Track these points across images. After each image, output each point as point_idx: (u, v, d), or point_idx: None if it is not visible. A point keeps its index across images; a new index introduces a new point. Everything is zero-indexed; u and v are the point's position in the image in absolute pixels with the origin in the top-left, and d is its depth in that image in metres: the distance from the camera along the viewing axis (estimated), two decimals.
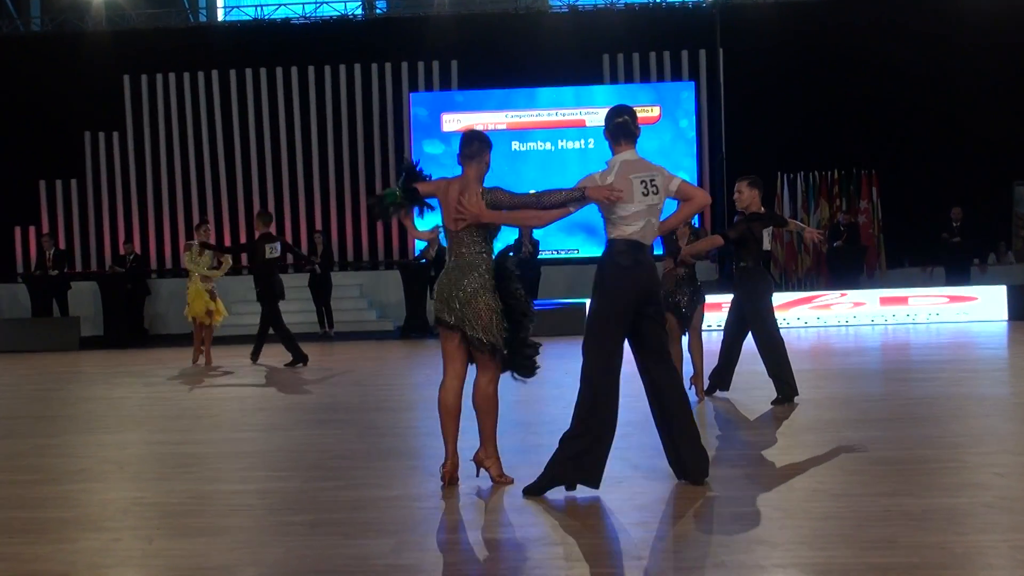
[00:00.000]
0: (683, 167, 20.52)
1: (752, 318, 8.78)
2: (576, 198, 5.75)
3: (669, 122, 20.65)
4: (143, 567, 4.61)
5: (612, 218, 5.76)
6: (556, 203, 5.82)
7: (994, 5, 20.15)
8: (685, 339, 9.11)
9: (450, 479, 5.84)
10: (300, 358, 13.30)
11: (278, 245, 13.52)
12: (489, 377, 5.85)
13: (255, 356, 13.84)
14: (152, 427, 8.82)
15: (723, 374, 9.17)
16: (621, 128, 5.93)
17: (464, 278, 5.86)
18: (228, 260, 14.39)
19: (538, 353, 5.96)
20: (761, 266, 8.88)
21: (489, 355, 5.80)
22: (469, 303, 5.76)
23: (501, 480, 5.88)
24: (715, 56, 20.63)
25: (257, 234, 13.55)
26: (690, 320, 9.01)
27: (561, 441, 5.69)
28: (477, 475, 5.97)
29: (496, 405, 5.89)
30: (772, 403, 8.58)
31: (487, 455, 5.91)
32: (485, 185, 6.03)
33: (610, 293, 5.70)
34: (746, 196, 8.81)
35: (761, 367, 8.85)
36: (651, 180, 5.75)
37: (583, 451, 5.59)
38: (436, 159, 20.85)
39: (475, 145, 6.16)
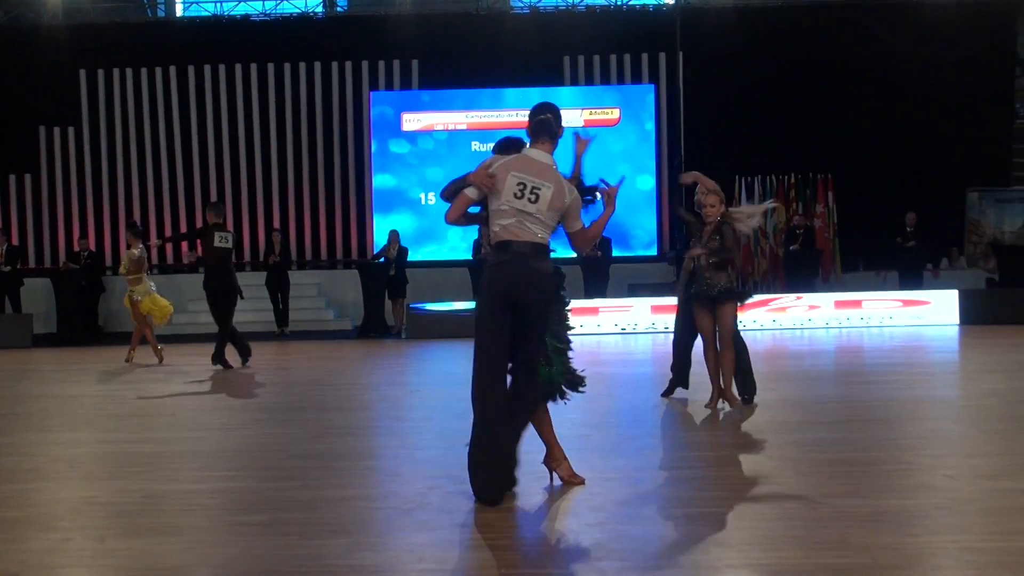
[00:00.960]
0: (644, 169, 20.63)
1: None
2: (461, 186, 5.52)
3: (630, 124, 20.74)
4: (94, 567, 4.57)
5: (490, 211, 5.53)
6: (451, 192, 5.59)
7: (950, 14, 20.42)
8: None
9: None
10: (247, 354, 13.04)
11: (230, 235, 13.04)
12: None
13: (231, 358, 13.41)
14: (105, 426, 8.74)
15: (683, 372, 9.22)
16: (540, 125, 5.61)
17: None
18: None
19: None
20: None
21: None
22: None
23: (573, 479, 5.80)
24: (675, 59, 20.73)
25: (208, 224, 12.99)
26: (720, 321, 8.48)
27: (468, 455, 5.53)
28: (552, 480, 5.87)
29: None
30: (744, 401, 8.68)
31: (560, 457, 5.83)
32: None
33: (481, 291, 5.49)
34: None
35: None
36: (533, 188, 5.42)
37: (484, 462, 5.42)
38: (400, 158, 20.83)
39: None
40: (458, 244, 19.76)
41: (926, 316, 17.14)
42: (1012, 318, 16.66)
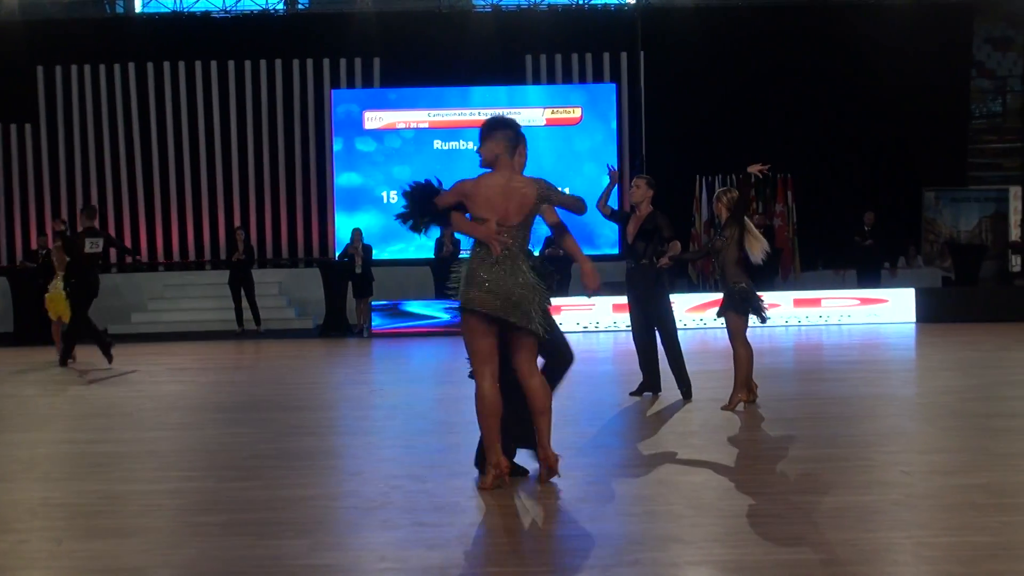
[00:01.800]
0: (599, 169, 20.64)
1: (659, 315, 9.04)
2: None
3: (592, 123, 20.78)
4: (51, 569, 4.53)
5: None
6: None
7: (908, 15, 20.63)
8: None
9: (494, 483, 5.63)
10: (109, 356, 13.00)
11: (100, 240, 13.17)
12: (540, 377, 5.77)
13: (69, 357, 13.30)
14: (63, 426, 8.65)
15: (653, 377, 9.27)
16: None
17: (518, 272, 5.64)
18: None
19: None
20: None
21: (536, 346, 5.70)
22: (526, 297, 5.61)
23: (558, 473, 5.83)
24: (636, 59, 20.80)
25: (80, 228, 13.20)
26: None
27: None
28: (546, 479, 5.82)
29: (551, 404, 5.83)
30: (684, 399, 8.81)
31: (551, 453, 5.81)
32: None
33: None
34: (642, 192, 9.02)
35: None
36: None
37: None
38: (366, 156, 20.75)
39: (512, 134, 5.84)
40: (426, 242, 19.65)
41: (883, 314, 17.32)
42: (968, 316, 16.87)
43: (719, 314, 8.72)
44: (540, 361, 5.87)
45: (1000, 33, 23.81)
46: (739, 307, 8.44)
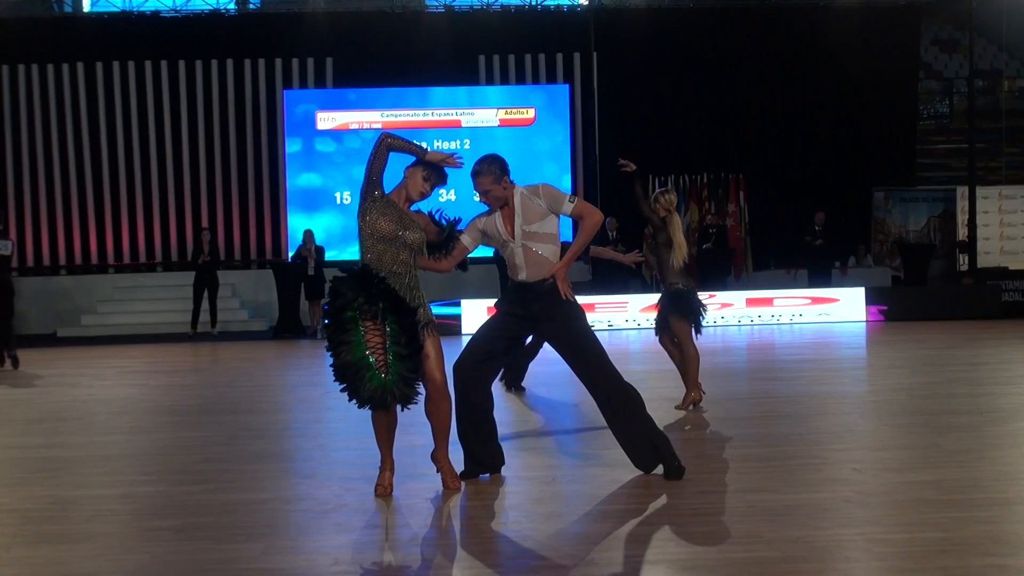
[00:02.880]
0: (561, 168, 20.72)
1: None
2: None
3: (545, 124, 20.82)
4: None
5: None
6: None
7: (857, 16, 20.87)
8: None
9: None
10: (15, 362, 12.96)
11: (10, 244, 13.30)
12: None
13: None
14: (11, 430, 8.52)
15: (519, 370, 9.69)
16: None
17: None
18: None
19: None
20: None
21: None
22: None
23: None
24: (589, 59, 20.86)
25: None
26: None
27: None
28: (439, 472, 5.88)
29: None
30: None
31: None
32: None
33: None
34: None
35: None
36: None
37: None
38: (310, 157, 20.64)
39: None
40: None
41: (834, 313, 17.51)
42: (917, 314, 17.10)
43: (659, 319, 8.63)
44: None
45: (947, 35, 24.22)
46: (677, 309, 8.42)
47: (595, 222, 5.86)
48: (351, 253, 19.92)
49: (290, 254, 19.45)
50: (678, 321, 8.43)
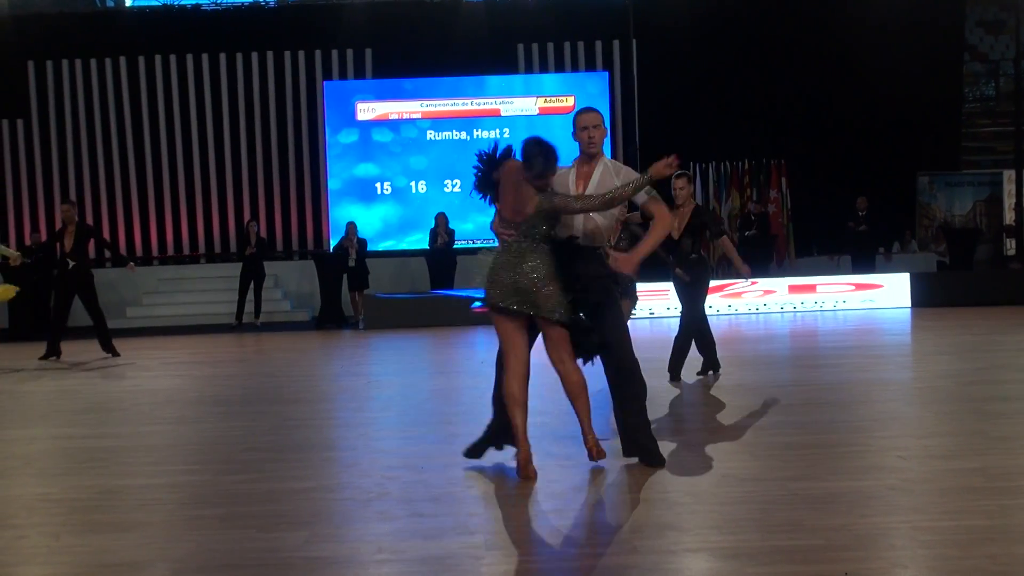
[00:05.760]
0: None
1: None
2: (643, 183, 5.72)
3: None
4: (49, 564, 4.52)
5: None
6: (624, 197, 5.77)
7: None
8: None
9: (526, 471, 5.68)
10: None
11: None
12: (573, 362, 5.79)
13: None
14: (59, 421, 8.64)
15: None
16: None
17: (527, 263, 5.68)
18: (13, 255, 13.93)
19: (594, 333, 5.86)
20: None
21: (562, 331, 5.72)
22: (540, 288, 5.65)
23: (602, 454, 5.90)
24: (628, 47, 20.77)
25: None
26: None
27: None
28: (594, 459, 5.88)
29: (587, 387, 5.86)
30: None
31: (597, 439, 5.88)
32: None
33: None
34: (688, 191, 9.28)
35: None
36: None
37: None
38: (351, 147, 20.72)
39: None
40: (422, 234, 19.56)
41: (878, 299, 17.35)
42: (963, 300, 16.90)
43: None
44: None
45: (992, 16, 23.85)
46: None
47: (665, 226, 5.94)
48: (408, 243, 20.00)
49: (332, 244, 19.56)
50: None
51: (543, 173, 5.69)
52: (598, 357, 5.92)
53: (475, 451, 6.13)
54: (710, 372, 9.62)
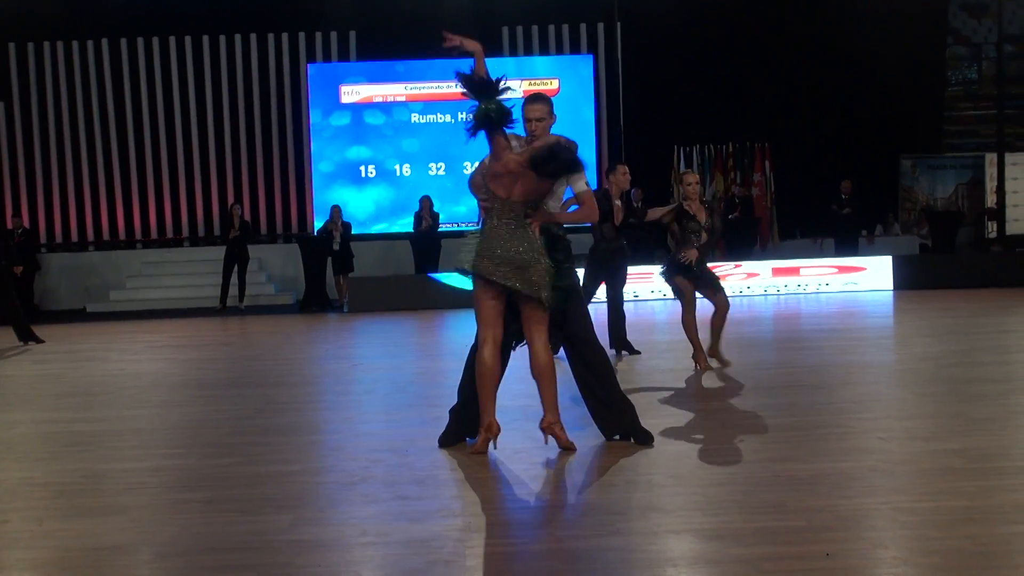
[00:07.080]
0: (584, 140, 20.64)
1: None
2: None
3: (569, 95, 20.72)
4: (32, 549, 4.52)
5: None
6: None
7: None
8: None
9: (485, 444, 5.84)
10: None
11: None
12: (544, 342, 5.82)
13: None
14: (42, 405, 8.62)
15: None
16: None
17: (519, 241, 5.75)
18: None
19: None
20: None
21: (543, 313, 5.77)
22: (529, 265, 5.71)
23: (569, 446, 5.89)
24: (613, 30, 20.73)
25: None
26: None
27: None
28: (545, 442, 5.92)
29: (555, 371, 5.89)
30: None
31: (555, 421, 5.88)
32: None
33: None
34: (627, 178, 10.06)
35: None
36: None
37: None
38: (338, 130, 20.65)
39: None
40: (407, 218, 19.49)
41: (861, 282, 17.41)
42: (944, 283, 16.97)
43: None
44: None
45: (975, 0, 23.85)
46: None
47: (585, 217, 6.23)
48: (401, 226, 19.93)
49: (316, 227, 19.51)
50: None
51: (554, 177, 5.85)
52: (562, 350, 6.10)
53: (447, 440, 6.16)
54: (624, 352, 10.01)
